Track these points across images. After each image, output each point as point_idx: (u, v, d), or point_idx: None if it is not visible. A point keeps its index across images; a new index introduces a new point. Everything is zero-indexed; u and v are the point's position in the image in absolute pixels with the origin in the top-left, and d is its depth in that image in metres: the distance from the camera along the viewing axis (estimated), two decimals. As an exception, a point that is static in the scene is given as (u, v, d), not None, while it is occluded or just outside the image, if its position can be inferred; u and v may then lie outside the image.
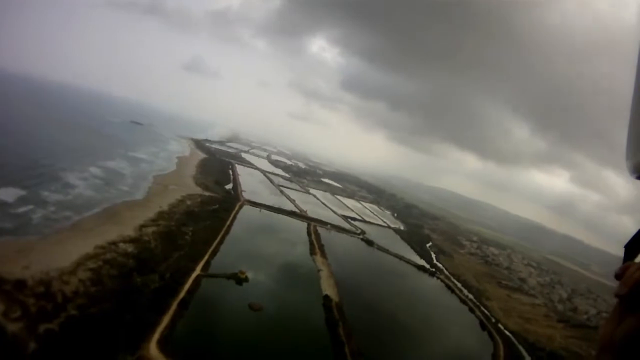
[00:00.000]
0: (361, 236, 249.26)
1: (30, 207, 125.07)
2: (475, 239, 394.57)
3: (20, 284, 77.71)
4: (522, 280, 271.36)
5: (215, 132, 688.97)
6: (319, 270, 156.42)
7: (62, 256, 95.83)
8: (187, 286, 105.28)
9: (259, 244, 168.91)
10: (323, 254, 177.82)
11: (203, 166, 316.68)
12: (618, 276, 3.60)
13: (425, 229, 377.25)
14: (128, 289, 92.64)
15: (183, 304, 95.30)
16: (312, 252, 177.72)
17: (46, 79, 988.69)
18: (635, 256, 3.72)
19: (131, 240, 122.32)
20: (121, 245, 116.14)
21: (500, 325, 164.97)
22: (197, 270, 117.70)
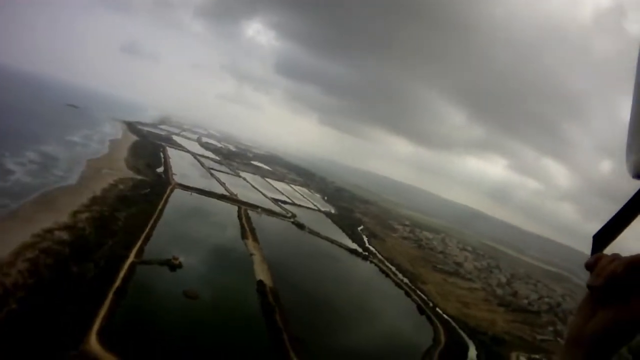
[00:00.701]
0: (292, 219, 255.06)
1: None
2: (407, 222, 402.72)
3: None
4: (458, 264, 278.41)
5: (148, 115, 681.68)
6: (251, 255, 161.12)
7: (1, 247, 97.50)
8: (122, 274, 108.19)
9: (190, 228, 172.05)
10: (255, 238, 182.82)
11: (135, 149, 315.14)
12: (589, 267, 3.43)
13: (356, 212, 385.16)
14: (65, 278, 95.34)
15: (119, 292, 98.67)
16: (244, 236, 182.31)
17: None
18: (604, 247, 3.81)
19: (66, 227, 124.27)
20: (56, 233, 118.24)
21: (438, 310, 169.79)
22: (131, 257, 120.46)
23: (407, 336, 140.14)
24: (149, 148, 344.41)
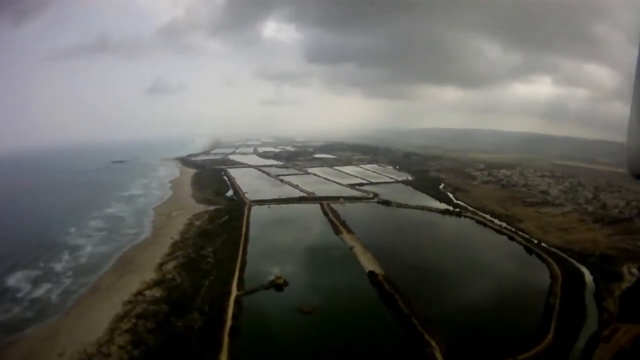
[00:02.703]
0: (376, 199, 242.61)
1: (47, 286, 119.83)
2: (482, 166, 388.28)
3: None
4: (544, 192, 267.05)
5: (197, 145, 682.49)
6: (351, 248, 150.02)
7: (92, 327, 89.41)
8: (230, 312, 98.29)
9: (281, 240, 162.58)
10: (349, 230, 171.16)
11: (197, 181, 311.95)
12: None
13: (431, 172, 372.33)
14: (173, 337, 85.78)
15: (234, 333, 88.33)
16: (337, 232, 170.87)
17: (19, 148, 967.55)
18: None
19: (155, 284, 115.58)
20: (147, 292, 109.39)
21: (543, 244, 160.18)
22: (234, 292, 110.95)
23: (526, 279, 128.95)
24: (210, 176, 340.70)
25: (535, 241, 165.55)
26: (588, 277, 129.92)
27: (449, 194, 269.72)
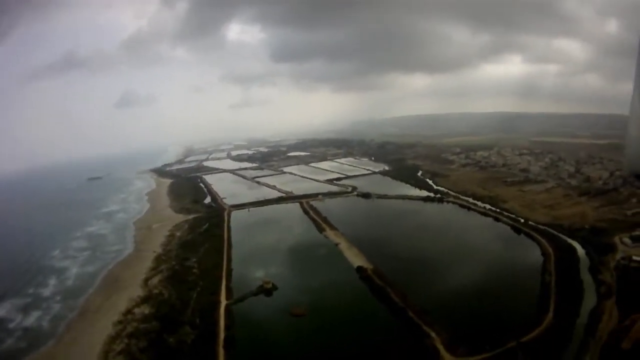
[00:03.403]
0: (355, 193, 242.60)
1: (37, 313, 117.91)
2: (458, 150, 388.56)
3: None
4: (525, 170, 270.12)
5: (170, 155, 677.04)
6: (336, 245, 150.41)
7: (86, 352, 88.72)
8: (222, 323, 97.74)
9: (265, 243, 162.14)
10: (331, 227, 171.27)
11: (174, 191, 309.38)
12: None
13: (407, 160, 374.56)
14: (165, 355, 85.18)
15: (228, 344, 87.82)
16: (320, 229, 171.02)
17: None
18: None
19: (143, 300, 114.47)
20: (136, 310, 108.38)
21: (531, 223, 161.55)
22: (223, 301, 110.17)
23: (518, 260, 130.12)
24: (187, 185, 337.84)
25: (522, 220, 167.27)
26: (580, 251, 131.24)
27: (428, 180, 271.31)
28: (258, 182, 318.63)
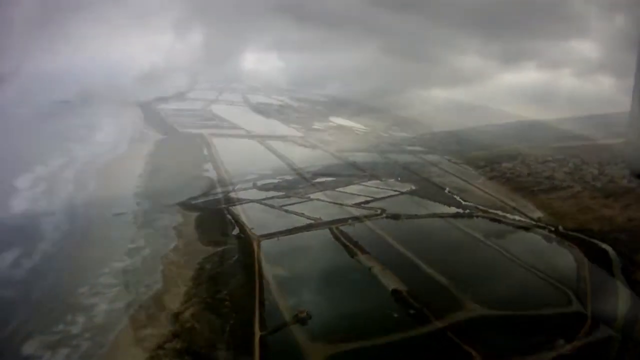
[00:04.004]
0: (384, 215, 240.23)
1: (65, 351, 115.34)
2: (482, 163, 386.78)
3: None
4: (550, 178, 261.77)
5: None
6: (369, 268, 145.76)
7: None
8: (257, 354, 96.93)
9: (296, 271, 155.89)
10: (363, 251, 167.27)
11: (201, 224, 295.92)
12: None
13: (433, 177, 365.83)
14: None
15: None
16: (352, 254, 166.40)
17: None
18: None
19: (175, 335, 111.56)
20: (167, 345, 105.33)
21: (561, 230, 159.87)
22: (257, 332, 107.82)
23: (554, 267, 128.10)
24: (213, 217, 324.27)
25: (552, 228, 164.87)
26: (612, 253, 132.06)
27: (455, 196, 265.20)
28: (286, 211, 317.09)
